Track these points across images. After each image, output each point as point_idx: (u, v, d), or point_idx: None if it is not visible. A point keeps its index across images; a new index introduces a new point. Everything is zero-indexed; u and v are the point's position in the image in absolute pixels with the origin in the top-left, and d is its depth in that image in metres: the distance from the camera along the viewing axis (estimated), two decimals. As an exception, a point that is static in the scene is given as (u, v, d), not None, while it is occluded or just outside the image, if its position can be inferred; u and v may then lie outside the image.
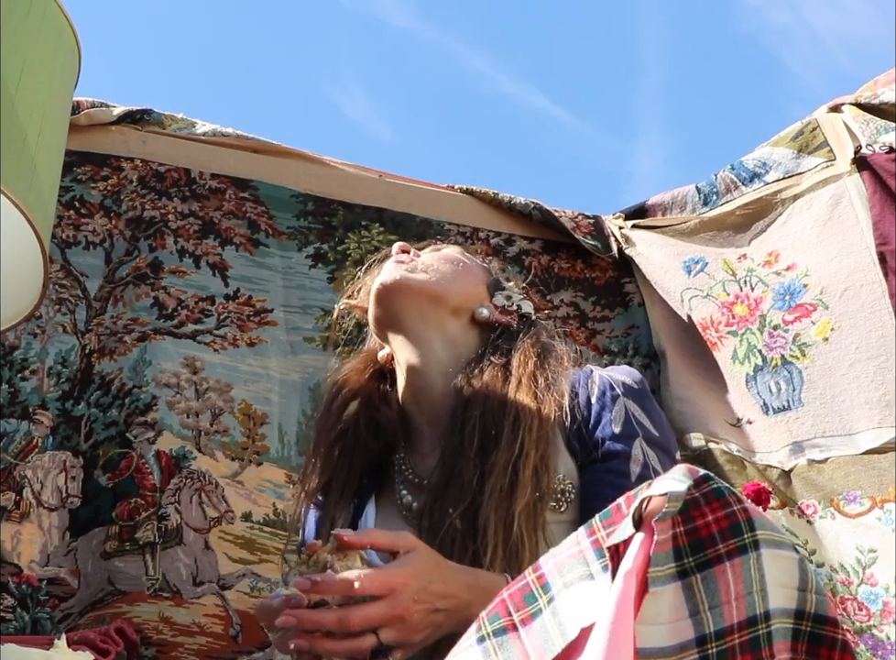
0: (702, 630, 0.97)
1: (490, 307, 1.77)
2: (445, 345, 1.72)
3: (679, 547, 0.98)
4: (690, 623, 0.97)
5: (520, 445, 1.54)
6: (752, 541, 0.99)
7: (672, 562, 0.98)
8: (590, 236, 2.76)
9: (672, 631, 0.97)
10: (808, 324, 2.37)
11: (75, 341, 2.27)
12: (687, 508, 0.99)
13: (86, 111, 2.38)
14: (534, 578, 1.03)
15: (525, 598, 1.02)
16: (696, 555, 0.99)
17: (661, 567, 0.98)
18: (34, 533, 2.12)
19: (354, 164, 2.71)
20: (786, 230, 2.51)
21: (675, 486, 0.99)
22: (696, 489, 1.00)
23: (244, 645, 2.16)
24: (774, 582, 1.00)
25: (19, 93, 1.48)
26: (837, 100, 2.59)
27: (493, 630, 1.00)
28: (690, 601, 0.98)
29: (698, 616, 0.97)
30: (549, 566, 1.03)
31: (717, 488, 1.00)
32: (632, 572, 0.96)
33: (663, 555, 0.98)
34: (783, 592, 1.01)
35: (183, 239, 2.44)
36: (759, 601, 0.99)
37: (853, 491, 2.21)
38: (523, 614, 1.00)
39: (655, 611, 0.97)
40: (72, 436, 2.20)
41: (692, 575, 0.98)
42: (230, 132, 2.55)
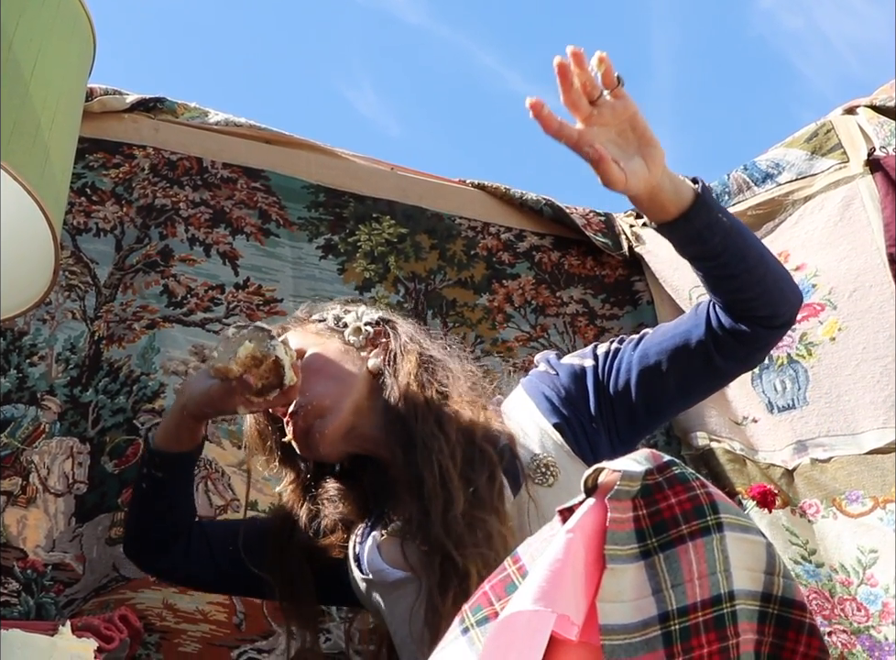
0: (664, 607, 0.99)
1: (372, 357, 1.80)
2: (379, 413, 1.76)
3: (642, 529, 1.01)
4: (653, 601, 0.99)
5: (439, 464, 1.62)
6: (716, 523, 1.01)
7: (635, 543, 1.00)
8: (601, 233, 2.77)
9: (635, 608, 0.99)
10: (815, 324, 2.37)
11: (84, 328, 2.27)
12: (650, 491, 1.02)
13: (99, 98, 2.39)
14: (514, 570, 1.05)
15: (506, 588, 1.03)
16: (659, 536, 1.01)
17: (622, 547, 1.00)
18: (40, 518, 2.12)
19: (366, 156, 2.71)
20: (797, 231, 2.51)
21: (631, 466, 1.02)
22: (660, 473, 1.03)
23: (247, 633, 2.17)
24: (739, 564, 1.02)
25: (34, 80, 1.49)
26: (853, 102, 2.58)
27: (476, 620, 1.02)
28: (653, 580, 1.00)
29: (661, 594, 0.99)
30: (526, 555, 1.05)
31: (681, 473, 1.03)
32: (575, 530, 0.99)
33: (624, 535, 1.00)
34: (749, 574, 1.03)
35: (194, 228, 2.45)
36: (724, 581, 1.01)
37: (855, 491, 2.21)
38: (504, 603, 1.02)
39: (617, 589, 0.99)
40: (80, 422, 2.21)
41: (654, 554, 1.00)
42: (243, 122, 2.56)
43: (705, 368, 1.64)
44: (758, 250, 1.60)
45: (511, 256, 2.73)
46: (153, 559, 1.91)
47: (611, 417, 1.67)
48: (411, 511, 1.64)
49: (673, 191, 1.52)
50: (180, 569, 1.90)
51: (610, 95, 1.48)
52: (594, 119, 1.49)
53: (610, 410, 1.67)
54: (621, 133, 1.51)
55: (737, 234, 1.57)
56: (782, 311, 1.61)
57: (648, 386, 1.65)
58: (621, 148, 1.51)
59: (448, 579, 1.54)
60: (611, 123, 1.50)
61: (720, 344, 1.61)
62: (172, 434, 1.80)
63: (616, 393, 1.67)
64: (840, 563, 2.18)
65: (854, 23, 6.87)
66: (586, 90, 1.47)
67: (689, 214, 1.53)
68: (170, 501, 1.85)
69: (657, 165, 1.51)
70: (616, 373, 1.68)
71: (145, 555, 1.91)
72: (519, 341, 2.65)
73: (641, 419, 1.68)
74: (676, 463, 1.04)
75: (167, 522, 1.86)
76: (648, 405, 1.67)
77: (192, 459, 1.87)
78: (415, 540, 1.62)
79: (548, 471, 1.61)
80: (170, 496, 1.85)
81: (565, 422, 1.66)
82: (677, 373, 1.64)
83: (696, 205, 1.53)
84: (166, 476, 1.82)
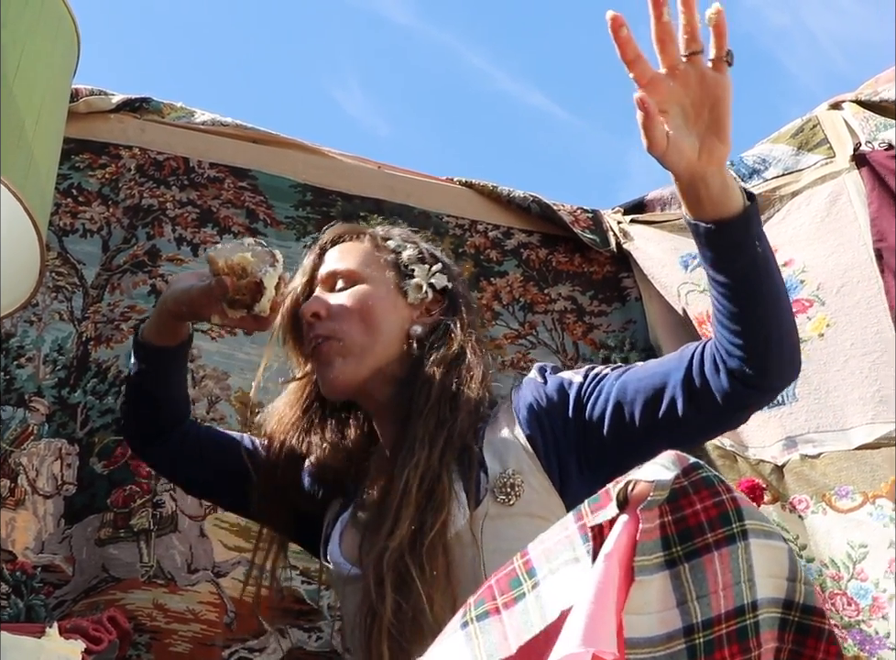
0: (689, 619, 0.97)
1: (420, 319, 1.77)
2: (393, 382, 1.74)
3: (667, 537, 0.99)
4: (677, 613, 0.97)
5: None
6: (741, 530, 0.99)
7: (660, 551, 0.98)
8: (588, 230, 2.76)
9: (660, 620, 0.97)
10: (804, 320, 2.37)
11: (72, 329, 2.27)
12: (676, 496, 0.99)
13: (85, 99, 2.38)
14: (521, 564, 1.03)
15: (510, 582, 1.02)
16: (684, 544, 0.99)
17: (649, 557, 0.98)
18: (29, 520, 2.12)
19: (353, 155, 2.70)
20: (784, 226, 2.51)
21: (662, 473, 0.99)
22: (685, 477, 1.00)
23: (237, 633, 2.17)
24: (762, 572, 1.00)
25: (17, 81, 1.49)
26: (838, 97, 2.59)
27: (477, 614, 1.01)
28: (678, 591, 0.98)
29: (686, 606, 0.97)
30: (536, 551, 1.03)
31: (707, 476, 1.00)
32: (613, 555, 0.96)
33: (651, 544, 0.98)
34: (772, 582, 1.01)
35: (181, 227, 2.44)
36: (747, 591, 0.99)
37: (845, 486, 2.21)
38: (506, 598, 1.00)
39: (643, 601, 0.97)
40: (68, 424, 2.21)
41: (679, 564, 0.98)
42: (229, 121, 2.55)
43: (671, 415, 1.51)
44: (775, 298, 1.44)
45: (499, 253, 2.73)
46: (142, 447, 1.95)
47: (582, 440, 1.59)
48: (372, 510, 1.64)
49: (720, 193, 1.37)
50: (167, 463, 1.95)
51: (711, 64, 1.33)
52: (678, 74, 1.33)
53: (583, 433, 1.59)
54: (696, 107, 1.35)
55: (764, 272, 1.42)
56: (773, 373, 1.46)
57: (619, 421, 1.55)
58: (686, 121, 1.36)
59: (385, 588, 1.50)
60: (694, 91, 1.34)
61: (694, 391, 1.49)
62: (156, 329, 1.82)
63: (590, 420, 1.58)
64: (830, 558, 2.19)
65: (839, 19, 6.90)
66: (685, 34, 1.31)
67: (724, 225, 1.38)
68: (154, 394, 1.87)
69: (713, 158, 1.36)
70: (594, 399, 1.59)
71: (135, 441, 1.98)
72: (508, 339, 2.64)
73: (610, 452, 1.57)
74: (702, 465, 1.01)
75: (152, 414, 1.89)
76: (617, 441, 1.56)
77: (176, 355, 1.87)
78: (367, 541, 1.60)
79: (512, 491, 1.56)
80: (154, 389, 1.87)
81: (540, 433, 1.60)
82: (647, 414, 1.53)
83: (737, 221, 1.38)
84: (149, 368, 1.84)
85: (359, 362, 1.71)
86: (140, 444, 1.95)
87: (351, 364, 1.71)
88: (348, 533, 1.71)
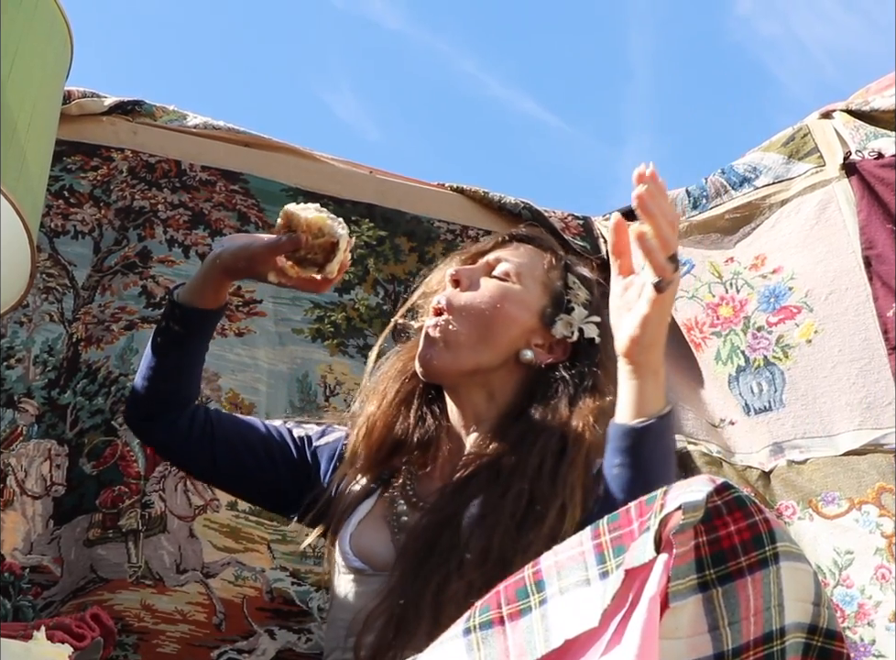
0: (720, 646, 0.97)
1: (538, 348, 1.76)
2: (486, 397, 1.76)
3: (701, 558, 0.98)
4: (709, 638, 0.97)
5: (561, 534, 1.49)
6: (773, 554, 0.99)
7: (694, 573, 0.98)
8: (579, 236, 2.77)
9: (690, 646, 0.96)
10: (792, 326, 2.38)
11: (62, 330, 2.27)
12: (710, 516, 0.98)
13: (77, 101, 2.38)
14: (530, 574, 1.02)
15: (517, 592, 1.01)
16: (717, 567, 0.98)
17: (683, 580, 0.97)
18: (17, 521, 2.12)
19: (344, 160, 2.71)
20: (774, 234, 2.52)
21: (691, 496, 0.98)
22: (718, 496, 0.99)
23: (227, 634, 2.17)
24: (791, 596, 0.99)
25: (10, 82, 1.49)
26: (829, 106, 2.59)
27: (480, 622, 1.00)
28: (710, 615, 0.97)
29: (717, 632, 0.97)
30: (548, 563, 1.02)
31: (739, 496, 1.00)
32: (656, 597, 0.95)
33: (685, 568, 0.97)
34: (800, 606, 1.01)
35: (173, 229, 2.44)
36: (776, 617, 0.98)
37: (831, 492, 2.22)
38: (512, 609, 1.00)
39: (675, 625, 0.96)
40: (58, 425, 2.21)
41: (713, 588, 0.97)
42: (221, 125, 2.56)
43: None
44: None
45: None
46: (152, 425, 1.89)
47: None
48: (430, 526, 1.62)
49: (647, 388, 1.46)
50: (177, 445, 1.89)
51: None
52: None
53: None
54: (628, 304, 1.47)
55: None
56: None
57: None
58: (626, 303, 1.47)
59: (422, 603, 1.51)
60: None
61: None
62: (198, 289, 1.80)
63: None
64: (816, 564, 2.19)
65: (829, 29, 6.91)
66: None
67: (637, 424, 1.45)
68: (182, 361, 1.85)
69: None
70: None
71: (145, 421, 1.90)
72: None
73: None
74: (732, 485, 1.01)
75: (174, 384, 1.86)
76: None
77: (213, 320, 1.86)
78: (413, 547, 1.60)
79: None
80: (184, 355, 1.85)
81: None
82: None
83: (649, 427, 1.45)
84: (183, 331, 1.81)
85: (457, 356, 1.73)
86: (152, 421, 1.88)
87: (450, 353, 1.73)
88: (370, 525, 1.71)
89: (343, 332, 2.48)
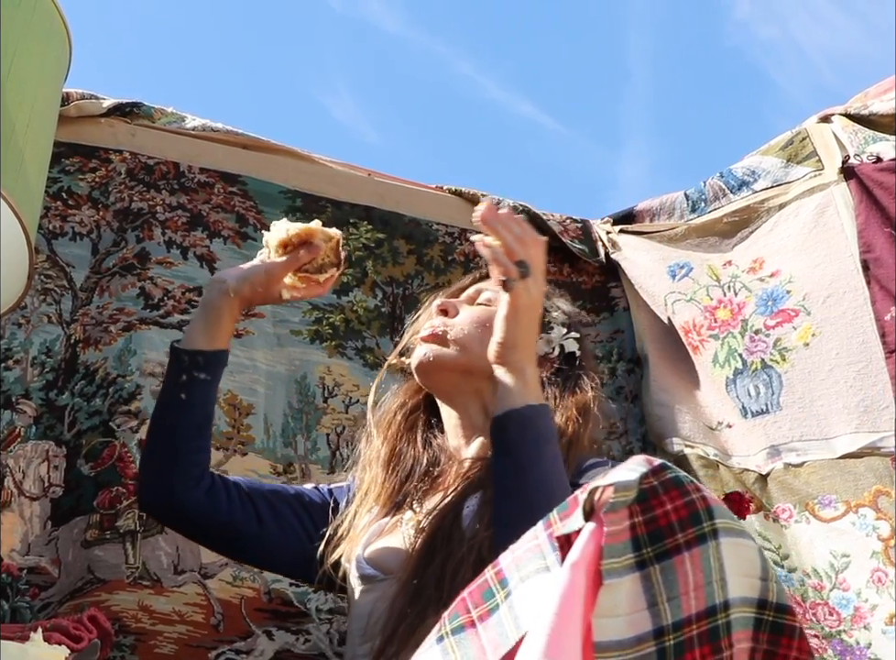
0: (659, 622, 0.97)
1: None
2: (480, 408, 1.82)
3: (637, 537, 0.99)
4: (647, 615, 0.97)
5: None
6: (711, 530, 1.00)
7: (631, 553, 0.98)
8: (577, 240, 2.77)
9: (630, 622, 0.97)
10: (790, 329, 2.38)
11: (60, 331, 2.27)
12: (646, 497, 0.99)
13: (76, 102, 2.38)
14: (492, 574, 1.03)
15: (483, 594, 1.02)
16: (655, 545, 0.99)
17: (618, 559, 0.98)
18: (15, 522, 2.12)
19: (343, 162, 2.71)
20: (772, 237, 2.53)
21: (624, 475, 1.00)
22: (654, 477, 1.00)
23: (225, 634, 2.16)
24: (734, 571, 1.00)
25: (8, 84, 1.50)
26: (828, 110, 2.60)
27: (452, 628, 1.01)
28: (648, 592, 0.98)
29: (656, 608, 0.97)
30: (507, 561, 1.03)
31: (676, 477, 1.01)
32: (579, 563, 0.96)
33: (620, 546, 0.98)
34: (745, 581, 1.02)
35: (171, 231, 2.45)
36: (719, 591, 0.99)
37: (828, 495, 2.22)
38: (481, 611, 1.01)
39: (612, 603, 0.97)
40: (56, 426, 2.21)
41: (650, 565, 0.98)
42: (220, 127, 2.56)
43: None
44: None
45: (552, 289, 2.74)
46: (189, 496, 1.78)
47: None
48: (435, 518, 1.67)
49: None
50: (221, 508, 1.81)
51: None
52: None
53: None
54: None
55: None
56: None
57: None
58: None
59: (425, 601, 1.54)
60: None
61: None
62: (213, 328, 1.79)
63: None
64: (813, 567, 2.19)
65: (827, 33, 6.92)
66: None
67: (499, 412, 1.59)
68: (209, 409, 1.82)
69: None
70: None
71: (178, 485, 1.78)
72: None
73: None
74: (669, 466, 1.02)
75: (205, 439, 1.82)
76: None
77: (226, 359, 1.85)
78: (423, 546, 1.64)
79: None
80: (209, 402, 1.82)
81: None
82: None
83: (509, 414, 1.58)
84: (210, 377, 1.79)
85: (454, 355, 1.80)
86: (185, 486, 1.79)
87: (446, 351, 1.81)
88: (382, 537, 1.76)
89: (341, 334, 2.48)
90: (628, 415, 2.62)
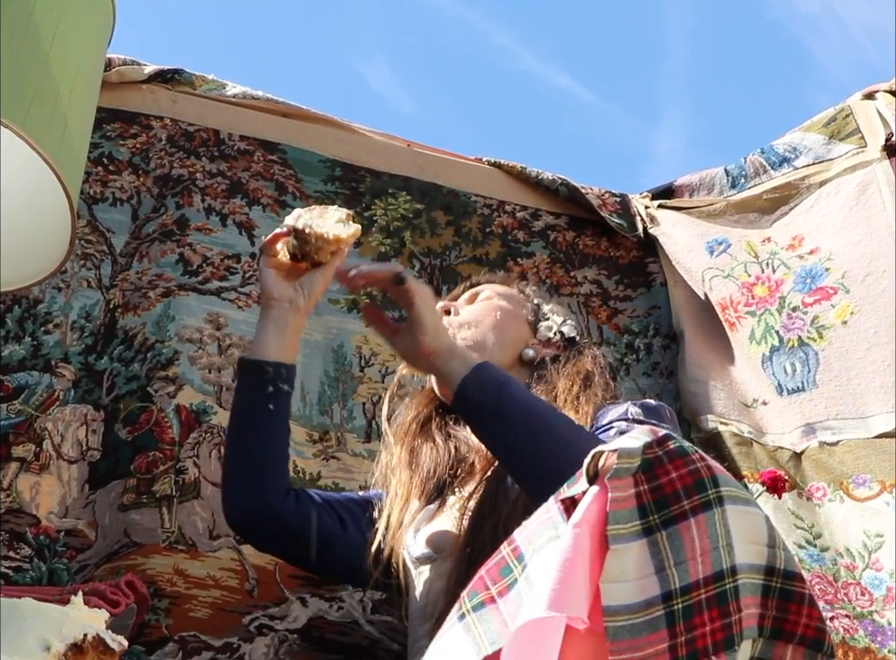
0: (667, 586, 0.99)
1: (536, 346, 1.95)
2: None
3: (644, 505, 1.01)
4: (656, 580, 0.99)
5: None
6: (717, 497, 1.02)
7: (637, 519, 1.01)
8: (616, 214, 2.77)
9: (638, 587, 0.99)
10: (828, 307, 2.37)
11: (100, 296, 2.29)
12: (651, 466, 1.02)
13: (118, 68, 2.40)
14: (509, 551, 1.05)
15: (501, 571, 1.04)
16: (661, 512, 1.01)
17: (625, 525, 1.00)
18: (53, 484, 2.14)
19: (382, 132, 2.71)
20: (812, 215, 2.51)
21: (628, 443, 1.03)
22: (659, 447, 1.03)
23: (259, 600, 2.17)
24: (741, 538, 1.03)
25: (54, 49, 1.50)
26: (872, 87, 2.58)
27: (472, 606, 1.03)
28: (655, 558, 1.00)
29: (664, 572, 0.99)
30: (521, 537, 1.06)
31: (680, 446, 1.04)
32: (582, 524, 0.99)
33: (626, 513, 1.00)
34: (752, 548, 1.04)
35: (210, 198, 2.46)
36: (726, 556, 1.01)
37: (863, 475, 2.21)
38: (500, 586, 1.03)
39: (620, 568, 0.99)
40: (94, 390, 2.23)
41: (657, 532, 1.00)
42: (260, 95, 2.57)
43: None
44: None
45: (526, 234, 2.74)
46: (279, 502, 1.79)
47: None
48: (483, 499, 1.70)
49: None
50: (306, 518, 1.82)
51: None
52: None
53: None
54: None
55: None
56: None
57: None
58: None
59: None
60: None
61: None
62: (288, 343, 1.78)
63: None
64: (846, 547, 2.19)
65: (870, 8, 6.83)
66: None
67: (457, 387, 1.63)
68: (289, 421, 1.81)
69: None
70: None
71: (272, 498, 1.78)
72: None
73: None
74: (674, 436, 1.04)
75: (287, 448, 1.82)
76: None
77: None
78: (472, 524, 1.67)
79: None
80: (290, 414, 1.81)
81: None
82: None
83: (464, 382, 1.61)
84: (290, 388, 1.78)
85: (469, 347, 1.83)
86: (271, 499, 1.78)
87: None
88: (432, 520, 1.80)
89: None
90: (663, 391, 2.62)
